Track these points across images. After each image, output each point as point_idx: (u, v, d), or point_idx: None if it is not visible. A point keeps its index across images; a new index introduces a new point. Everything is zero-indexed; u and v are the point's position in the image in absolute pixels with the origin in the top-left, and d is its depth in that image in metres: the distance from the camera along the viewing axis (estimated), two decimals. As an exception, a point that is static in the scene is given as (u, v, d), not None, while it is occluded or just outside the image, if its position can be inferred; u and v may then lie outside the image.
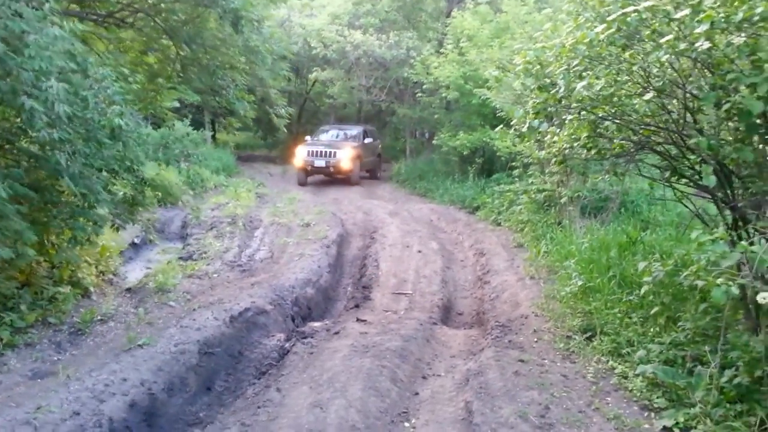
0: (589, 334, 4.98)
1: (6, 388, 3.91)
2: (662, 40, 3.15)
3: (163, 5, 6.76)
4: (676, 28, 3.17)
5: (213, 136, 28.27)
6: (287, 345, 5.31)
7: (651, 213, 8.43)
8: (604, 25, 3.36)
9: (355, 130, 18.69)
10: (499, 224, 10.52)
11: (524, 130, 4.31)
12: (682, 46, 3.17)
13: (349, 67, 16.56)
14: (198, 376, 4.84)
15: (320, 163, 16.90)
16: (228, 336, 5.37)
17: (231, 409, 4.26)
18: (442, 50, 14.04)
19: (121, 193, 6.10)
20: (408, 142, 18.14)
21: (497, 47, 11.06)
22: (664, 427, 3.46)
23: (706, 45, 3.06)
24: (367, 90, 16.72)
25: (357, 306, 7.23)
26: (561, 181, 8.38)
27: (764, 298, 2.77)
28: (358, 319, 5.98)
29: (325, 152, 17.01)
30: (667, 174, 4.28)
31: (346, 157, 16.85)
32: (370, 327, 5.62)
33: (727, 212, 3.79)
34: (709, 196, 4.00)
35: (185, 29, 6.25)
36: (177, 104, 16.31)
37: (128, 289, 6.68)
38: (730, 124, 3.38)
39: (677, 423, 3.43)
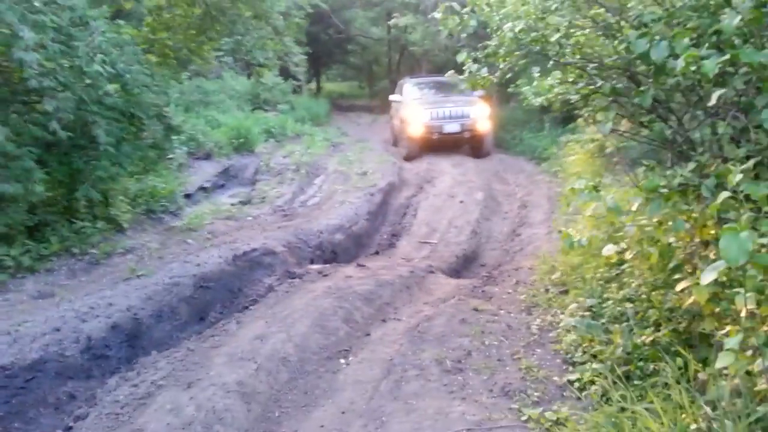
0: (565, 288, 4.80)
1: (10, 305, 4.59)
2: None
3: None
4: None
5: (318, 87, 29.23)
6: (275, 284, 5.63)
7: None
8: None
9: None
10: (557, 176, 10.08)
11: (466, 74, 4.17)
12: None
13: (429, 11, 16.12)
14: (190, 306, 5.32)
15: (452, 127, 12.42)
16: (228, 273, 5.79)
17: (198, 337, 4.67)
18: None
19: (150, 140, 6.63)
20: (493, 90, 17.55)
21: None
22: (569, 381, 3.35)
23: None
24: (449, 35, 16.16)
25: (377, 253, 7.43)
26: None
27: (608, 251, 2.57)
28: (358, 265, 6.16)
29: (458, 112, 12.51)
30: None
31: (483, 117, 12.59)
32: (363, 272, 5.79)
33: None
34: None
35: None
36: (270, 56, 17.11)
37: (171, 228, 7.36)
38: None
39: (580, 378, 3.31)
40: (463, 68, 4.32)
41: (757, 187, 2.27)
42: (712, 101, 2.22)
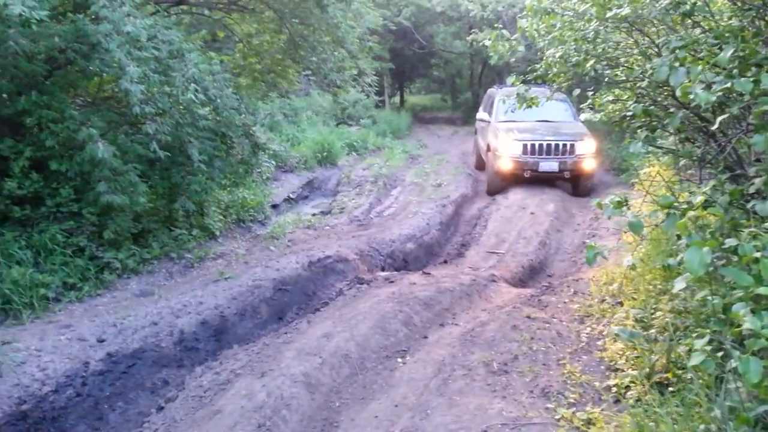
0: (620, 299, 4.91)
1: (116, 301, 5.31)
2: None
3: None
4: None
5: (401, 101, 29.87)
6: (345, 288, 6.08)
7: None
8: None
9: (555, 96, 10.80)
10: (633, 187, 9.96)
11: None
12: None
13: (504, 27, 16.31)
14: (270, 307, 5.87)
15: (549, 166, 10.27)
16: (304, 277, 6.31)
17: (274, 334, 5.18)
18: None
19: (239, 157, 7.31)
20: (572, 100, 17.41)
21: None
22: (607, 386, 3.54)
23: None
24: (527, 47, 16.26)
25: (446, 262, 7.74)
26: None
27: (627, 262, 2.76)
28: (423, 272, 6.50)
29: (558, 146, 10.27)
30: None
31: (589, 155, 10.31)
32: (426, 279, 6.12)
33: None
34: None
35: (293, 11, 7.21)
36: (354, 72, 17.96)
37: (257, 236, 8.03)
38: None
39: (619, 384, 3.48)
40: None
41: (764, 205, 2.45)
42: (715, 125, 2.41)
